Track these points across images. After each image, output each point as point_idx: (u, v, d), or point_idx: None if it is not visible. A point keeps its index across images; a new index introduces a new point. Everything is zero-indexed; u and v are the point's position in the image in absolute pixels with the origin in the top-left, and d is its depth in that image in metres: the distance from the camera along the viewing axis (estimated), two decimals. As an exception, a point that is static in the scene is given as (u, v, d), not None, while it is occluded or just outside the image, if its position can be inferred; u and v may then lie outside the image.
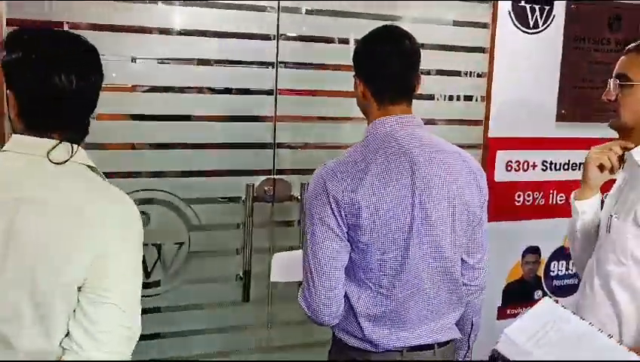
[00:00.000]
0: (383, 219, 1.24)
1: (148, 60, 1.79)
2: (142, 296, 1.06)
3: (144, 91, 1.79)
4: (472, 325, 1.47)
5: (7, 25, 1.58)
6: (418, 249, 1.27)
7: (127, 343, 1.04)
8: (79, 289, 0.99)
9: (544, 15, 2.17)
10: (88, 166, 1.07)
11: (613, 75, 1.36)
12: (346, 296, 1.32)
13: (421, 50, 1.33)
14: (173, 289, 1.91)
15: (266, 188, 1.93)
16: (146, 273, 1.84)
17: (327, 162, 1.31)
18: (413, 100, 1.35)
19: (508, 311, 2.31)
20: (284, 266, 1.69)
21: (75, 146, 1.04)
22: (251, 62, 1.88)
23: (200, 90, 1.84)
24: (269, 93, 1.90)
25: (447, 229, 1.29)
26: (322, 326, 1.33)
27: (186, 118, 1.85)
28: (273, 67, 1.89)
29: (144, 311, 1.08)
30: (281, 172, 1.95)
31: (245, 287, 1.92)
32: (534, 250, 2.31)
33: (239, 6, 1.83)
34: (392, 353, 1.33)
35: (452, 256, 1.32)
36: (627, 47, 1.38)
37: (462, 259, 1.37)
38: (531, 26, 2.16)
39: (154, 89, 1.80)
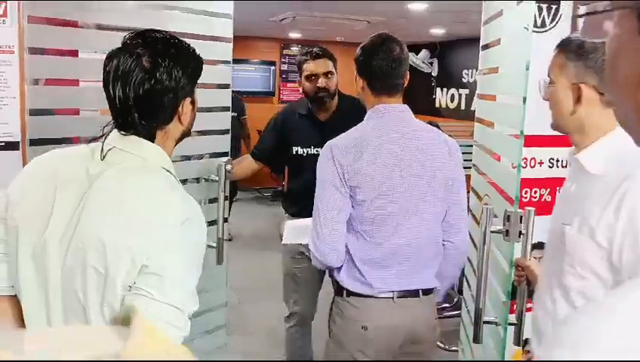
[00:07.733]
0: (376, 182, 1.64)
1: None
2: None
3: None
4: (448, 277, 1.84)
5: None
6: (404, 207, 1.66)
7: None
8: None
9: (551, 14, 2.19)
10: None
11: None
12: (346, 247, 1.66)
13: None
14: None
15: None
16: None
17: (336, 137, 1.72)
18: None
19: (514, 307, 2.32)
20: (295, 231, 2.02)
21: None
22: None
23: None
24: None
25: (427, 191, 1.69)
26: (327, 267, 1.70)
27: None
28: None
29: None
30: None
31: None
32: (540, 246, 2.32)
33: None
34: (386, 299, 1.67)
35: (433, 217, 1.71)
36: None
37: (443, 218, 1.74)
38: (539, 25, 2.19)
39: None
